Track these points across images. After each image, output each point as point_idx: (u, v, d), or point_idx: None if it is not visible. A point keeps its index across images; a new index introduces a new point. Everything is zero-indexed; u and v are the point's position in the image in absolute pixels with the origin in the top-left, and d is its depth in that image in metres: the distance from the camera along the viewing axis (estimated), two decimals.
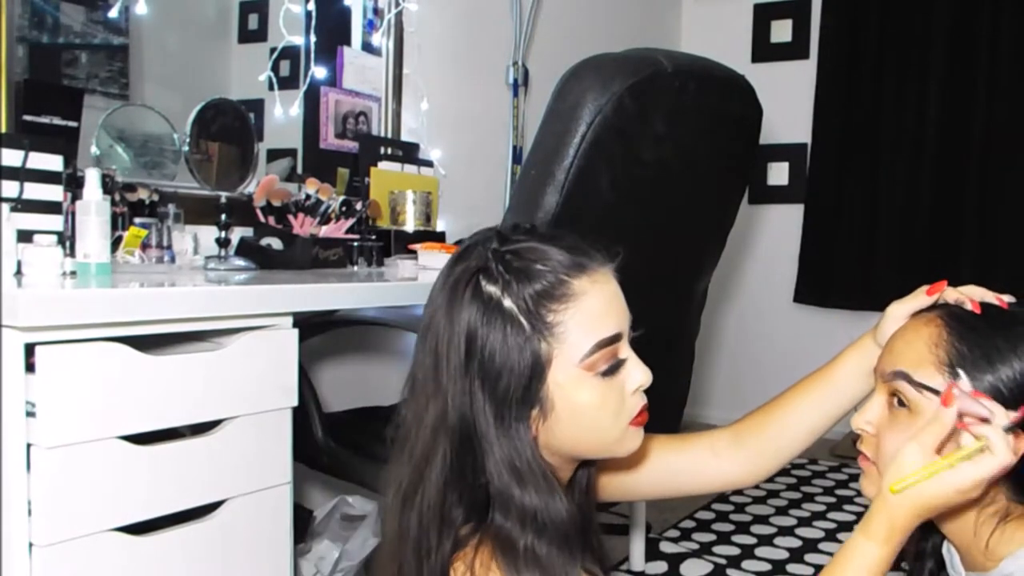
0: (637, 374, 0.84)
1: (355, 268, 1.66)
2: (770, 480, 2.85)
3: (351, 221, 1.73)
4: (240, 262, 1.47)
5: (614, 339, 0.82)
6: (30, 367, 0.88)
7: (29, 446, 0.88)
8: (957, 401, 0.78)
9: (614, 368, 0.82)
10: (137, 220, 1.39)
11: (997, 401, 0.80)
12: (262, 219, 1.60)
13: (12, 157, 1.10)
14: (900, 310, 0.91)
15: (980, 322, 0.84)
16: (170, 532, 1.01)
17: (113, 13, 1.67)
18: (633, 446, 0.88)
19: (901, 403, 0.85)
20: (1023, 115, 3.10)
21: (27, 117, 1.40)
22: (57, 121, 1.41)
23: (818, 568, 2.13)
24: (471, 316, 0.79)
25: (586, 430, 0.83)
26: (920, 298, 0.90)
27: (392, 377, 2.10)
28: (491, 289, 0.80)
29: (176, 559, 1.02)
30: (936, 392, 0.81)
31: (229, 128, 1.54)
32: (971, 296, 0.86)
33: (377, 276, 1.49)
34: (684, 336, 1.73)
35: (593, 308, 0.81)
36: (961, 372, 0.81)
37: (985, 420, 0.77)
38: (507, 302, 0.79)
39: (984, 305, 0.86)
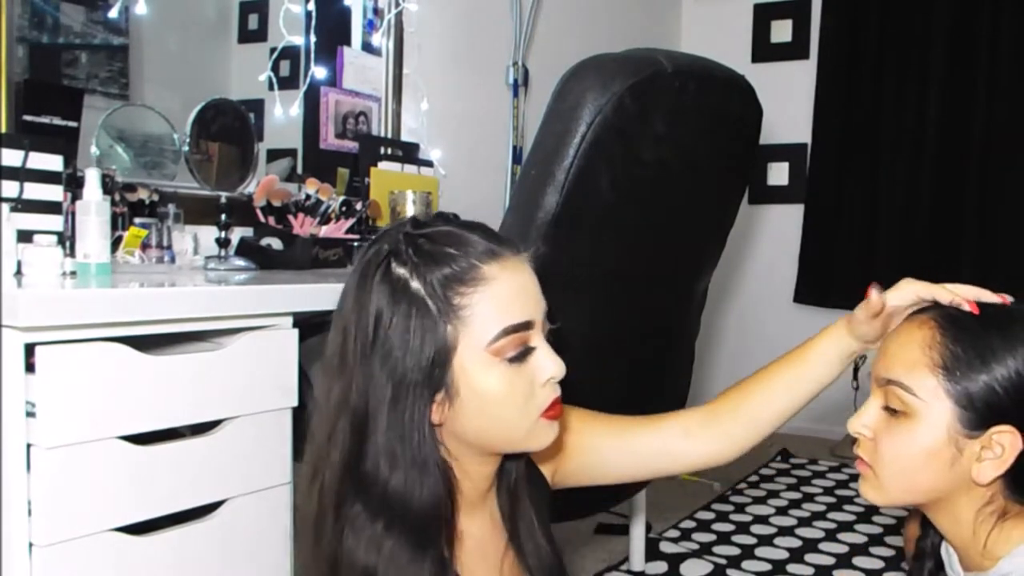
0: (549, 365, 0.83)
1: None
2: (770, 480, 2.85)
3: (351, 221, 1.74)
4: (240, 262, 1.47)
5: (523, 326, 0.81)
6: (30, 367, 0.88)
7: (29, 446, 0.88)
8: None
9: (522, 355, 0.81)
10: (137, 220, 1.39)
11: (993, 401, 0.80)
12: (262, 219, 1.60)
13: (12, 157, 1.10)
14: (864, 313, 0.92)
15: (975, 322, 0.83)
16: (170, 532, 1.01)
17: (113, 13, 1.67)
18: (546, 440, 0.86)
19: (898, 407, 0.85)
20: (1023, 115, 3.11)
21: (27, 117, 1.40)
22: (57, 121, 1.41)
23: (818, 568, 2.13)
24: (379, 298, 0.80)
25: (493, 419, 0.82)
26: (869, 302, 0.91)
27: None
28: (400, 272, 0.80)
29: (176, 559, 1.02)
30: None
31: (229, 128, 1.55)
32: (965, 296, 0.86)
33: None
34: (684, 336, 1.73)
35: (503, 294, 0.80)
36: None
37: None
38: (415, 284, 0.79)
39: (980, 305, 0.85)
